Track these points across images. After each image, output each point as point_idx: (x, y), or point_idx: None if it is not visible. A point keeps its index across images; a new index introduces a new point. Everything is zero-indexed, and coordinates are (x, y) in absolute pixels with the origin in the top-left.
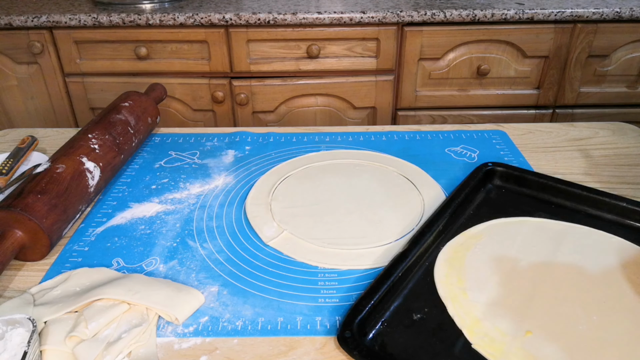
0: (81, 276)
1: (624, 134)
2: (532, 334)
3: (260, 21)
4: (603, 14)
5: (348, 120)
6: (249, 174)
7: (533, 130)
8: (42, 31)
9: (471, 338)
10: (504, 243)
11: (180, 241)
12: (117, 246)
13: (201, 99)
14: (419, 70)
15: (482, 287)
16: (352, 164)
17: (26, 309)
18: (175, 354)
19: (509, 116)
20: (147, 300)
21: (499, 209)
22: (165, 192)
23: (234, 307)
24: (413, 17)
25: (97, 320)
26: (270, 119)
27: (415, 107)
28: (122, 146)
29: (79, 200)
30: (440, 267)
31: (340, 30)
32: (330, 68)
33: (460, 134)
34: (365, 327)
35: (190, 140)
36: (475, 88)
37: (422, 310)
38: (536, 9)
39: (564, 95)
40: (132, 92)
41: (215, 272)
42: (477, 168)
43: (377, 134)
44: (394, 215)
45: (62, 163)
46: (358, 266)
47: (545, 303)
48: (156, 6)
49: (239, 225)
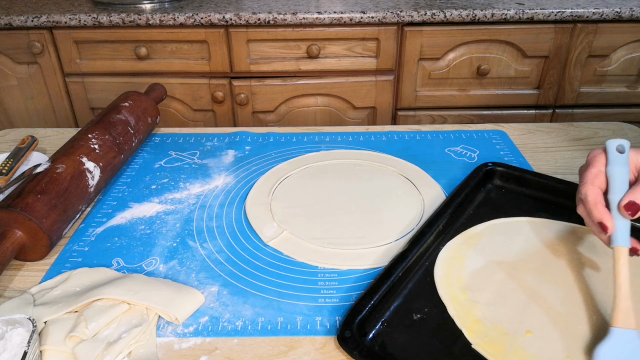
0: (81, 276)
1: (624, 134)
2: (532, 334)
3: (260, 21)
4: (603, 14)
5: (348, 120)
6: (249, 174)
7: (533, 130)
8: (42, 31)
9: (471, 338)
10: (504, 243)
11: (180, 241)
12: (117, 246)
13: (201, 99)
14: (419, 70)
15: (482, 287)
16: (352, 164)
17: (26, 309)
18: (175, 354)
19: (509, 116)
20: (147, 300)
21: (499, 209)
22: (165, 192)
23: (234, 307)
24: (413, 17)
25: (97, 320)
26: (270, 119)
27: (415, 107)
28: (122, 146)
29: (79, 200)
30: (440, 267)
31: (340, 30)
32: (330, 68)
33: (460, 134)
34: (365, 327)
35: (190, 140)
36: (475, 88)
37: (422, 310)
38: (536, 9)
39: (564, 95)
40: (132, 92)
41: (215, 272)
42: (477, 168)
43: (377, 134)
44: (394, 215)
45: (62, 163)
46: (358, 266)
47: (545, 303)
48: (156, 6)
49: (239, 225)
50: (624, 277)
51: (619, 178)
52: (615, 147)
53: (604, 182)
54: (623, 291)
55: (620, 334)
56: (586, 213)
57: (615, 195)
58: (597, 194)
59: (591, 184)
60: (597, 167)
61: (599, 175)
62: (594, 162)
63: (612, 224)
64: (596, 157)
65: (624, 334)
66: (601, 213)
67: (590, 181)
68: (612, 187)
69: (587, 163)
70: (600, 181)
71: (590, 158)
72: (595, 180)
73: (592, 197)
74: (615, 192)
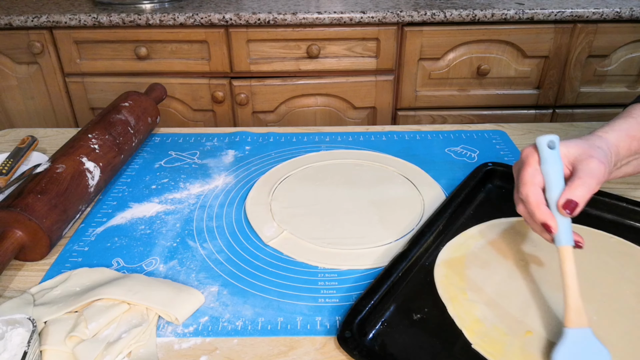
0: (81, 276)
1: None
2: (532, 334)
3: (260, 21)
4: (603, 14)
5: (348, 120)
6: (249, 174)
7: (533, 130)
8: (42, 31)
9: (471, 338)
10: (503, 243)
11: (180, 241)
12: (117, 246)
13: (201, 99)
14: (419, 70)
15: (482, 287)
16: (352, 164)
17: (26, 309)
18: (175, 354)
19: (509, 116)
20: (147, 300)
21: (499, 209)
22: (165, 192)
23: (234, 307)
24: (413, 17)
25: (97, 320)
26: (270, 119)
27: (415, 107)
28: (122, 146)
29: (79, 200)
30: (440, 267)
31: (340, 30)
32: (330, 68)
33: (460, 134)
34: (365, 327)
35: (190, 140)
36: (475, 88)
37: (422, 310)
38: (536, 9)
39: (564, 95)
40: (132, 92)
41: (215, 272)
42: (477, 168)
43: (377, 134)
44: (394, 215)
45: (62, 163)
46: (358, 266)
47: (546, 303)
48: (156, 6)
49: (239, 225)
50: (572, 277)
51: (553, 176)
52: (546, 144)
53: (542, 181)
54: (572, 291)
55: (574, 334)
56: (527, 213)
57: (553, 193)
58: (539, 195)
59: (531, 185)
60: (533, 166)
61: (536, 174)
62: (529, 160)
63: (556, 224)
64: (529, 155)
65: (578, 333)
66: (544, 214)
67: (530, 181)
68: (549, 185)
69: (522, 162)
70: (539, 180)
71: (524, 157)
72: (535, 180)
73: (534, 198)
74: (552, 189)
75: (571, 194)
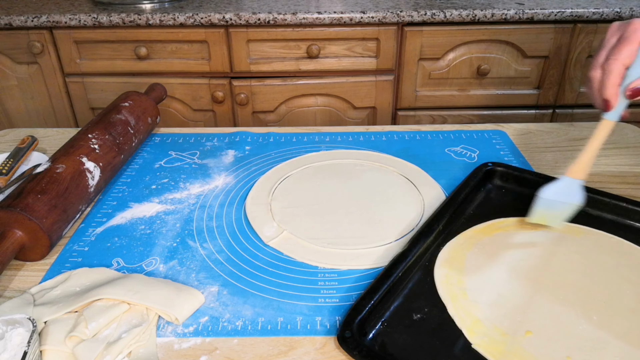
0: (81, 276)
1: (624, 134)
2: (532, 334)
3: (260, 21)
4: (603, 14)
5: (348, 120)
6: (249, 174)
7: (533, 130)
8: (42, 31)
9: (471, 338)
10: (503, 243)
11: (180, 241)
12: (117, 246)
13: (201, 99)
14: (419, 70)
15: (482, 287)
16: (352, 164)
17: (26, 309)
18: (175, 354)
19: (509, 116)
20: (147, 300)
21: (499, 209)
22: (165, 192)
23: (234, 307)
24: (413, 17)
25: (97, 320)
26: (270, 119)
27: (415, 107)
28: (122, 146)
29: (79, 200)
30: (440, 267)
31: (340, 30)
32: (330, 68)
33: (460, 134)
34: (365, 327)
35: (190, 140)
36: (475, 88)
37: (422, 310)
38: (536, 9)
39: (564, 95)
40: (132, 92)
41: (215, 272)
42: (477, 168)
43: (377, 134)
44: (394, 215)
45: (62, 163)
46: (358, 266)
47: (545, 303)
48: (156, 6)
49: (239, 225)
50: (598, 142)
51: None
52: None
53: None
54: (589, 151)
55: (566, 180)
56: (598, 82)
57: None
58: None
59: (622, 63)
60: (635, 45)
61: (633, 55)
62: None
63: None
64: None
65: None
66: (612, 93)
67: (623, 58)
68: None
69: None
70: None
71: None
72: (628, 60)
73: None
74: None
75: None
